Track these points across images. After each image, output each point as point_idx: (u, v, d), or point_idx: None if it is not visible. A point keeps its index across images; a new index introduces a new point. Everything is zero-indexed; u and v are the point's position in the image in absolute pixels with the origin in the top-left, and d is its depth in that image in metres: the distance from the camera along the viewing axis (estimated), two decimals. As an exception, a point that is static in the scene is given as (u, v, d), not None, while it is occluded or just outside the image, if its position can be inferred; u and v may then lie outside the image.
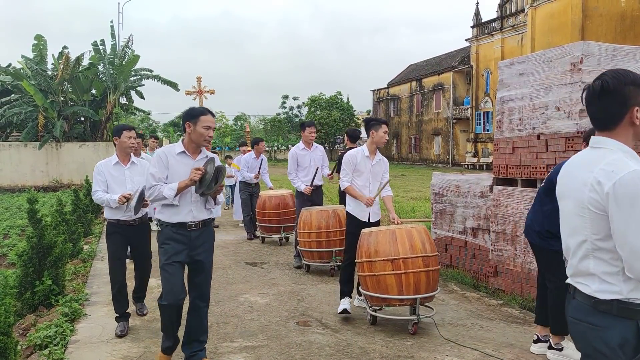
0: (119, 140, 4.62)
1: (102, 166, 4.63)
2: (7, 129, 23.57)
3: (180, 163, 3.66)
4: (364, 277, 4.58)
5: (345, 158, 4.99)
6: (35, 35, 22.84)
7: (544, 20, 29.01)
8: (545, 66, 5.23)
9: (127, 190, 4.56)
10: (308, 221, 6.52)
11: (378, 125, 4.91)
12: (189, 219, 3.67)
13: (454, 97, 43.23)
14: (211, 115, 3.67)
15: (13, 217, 12.09)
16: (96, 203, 4.78)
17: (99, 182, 4.59)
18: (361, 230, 4.74)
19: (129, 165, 4.69)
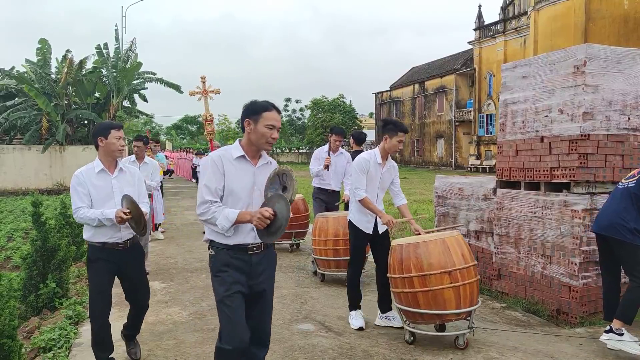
0: (105, 142, 3.68)
1: (83, 175, 3.63)
2: (10, 132, 23.65)
3: (240, 170, 2.96)
4: (413, 294, 4.10)
5: (357, 163, 4.58)
6: (39, 39, 22.96)
7: (546, 22, 29.01)
8: (549, 69, 5.23)
9: (117, 205, 3.64)
10: (324, 228, 6.23)
11: (395, 132, 4.52)
12: (250, 240, 2.97)
13: (456, 99, 43.22)
14: (277, 111, 3.00)
15: (17, 220, 12.13)
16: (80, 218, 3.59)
17: (81, 196, 3.58)
18: (394, 243, 4.32)
19: (117, 173, 3.75)
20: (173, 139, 67.36)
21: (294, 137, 66.40)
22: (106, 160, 3.73)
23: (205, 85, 10.23)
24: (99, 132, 3.73)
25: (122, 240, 3.70)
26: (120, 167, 3.81)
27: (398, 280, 4.21)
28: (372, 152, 4.66)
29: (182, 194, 19.81)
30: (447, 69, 45.29)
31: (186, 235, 9.99)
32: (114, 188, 3.71)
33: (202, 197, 2.89)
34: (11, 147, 21.69)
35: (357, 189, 4.54)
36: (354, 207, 4.68)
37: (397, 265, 4.23)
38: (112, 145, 3.69)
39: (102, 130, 3.73)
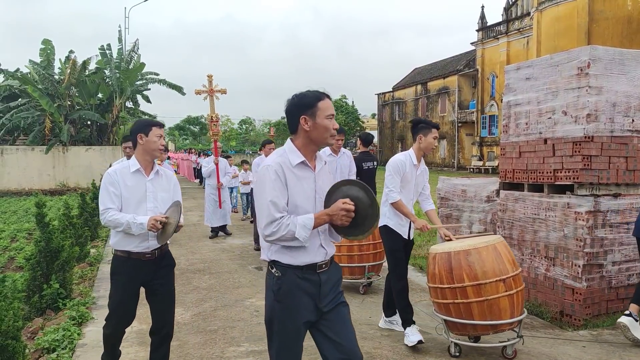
0: (145, 139, 3.31)
1: (117, 174, 3.27)
2: (14, 133, 23.72)
3: (302, 179, 2.51)
4: (467, 305, 3.85)
5: (392, 164, 4.34)
6: (43, 39, 23.02)
7: (549, 23, 28.98)
8: (552, 70, 5.22)
9: (148, 211, 3.27)
10: None
11: (428, 129, 4.35)
12: (320, 257, 2.54)
13: (459, 100, 43.19)
14: (329, 98, 2.57)
15: (20, 221, 12.17)
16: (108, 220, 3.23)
17: (112, 196, 3.23)
18: (435, 250, 4.06)
19: (152, 175, 3.37)
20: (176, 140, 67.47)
21: (296, 137, 66.28)
22: (144, 160, 3.36)
23: (211, 84, 9.95)
24: (139, 128, 3.36)
25: (149, 249, 3.30)
26: (157, 169, 3.43)
27: (447, 291, 3.92)
28: (407, 153, 4.43)
29: (184, 194, 19.77)
30: (449, 70, 45.26)
31: (188, 236, 10.00)
32: (147, 191, 3.32)
33: (270, 216, 2.41)
34: (15, 147, 21.76)
35: (391, 191, 4.30)
36: (388, 210, 4.40)
37: (445, 274, 3.92)
38: (152, 143, 3.32)
39: (142, 127, 3.36)
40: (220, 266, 7.29)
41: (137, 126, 3.41)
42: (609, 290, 4.95)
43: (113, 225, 3.21)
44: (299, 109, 2.52)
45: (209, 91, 9.86)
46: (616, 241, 4.96)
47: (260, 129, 76.96)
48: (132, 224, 3.15)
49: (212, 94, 9.89)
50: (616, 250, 4.96)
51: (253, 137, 75.87)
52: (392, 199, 4.29)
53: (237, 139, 70.03)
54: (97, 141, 23.42)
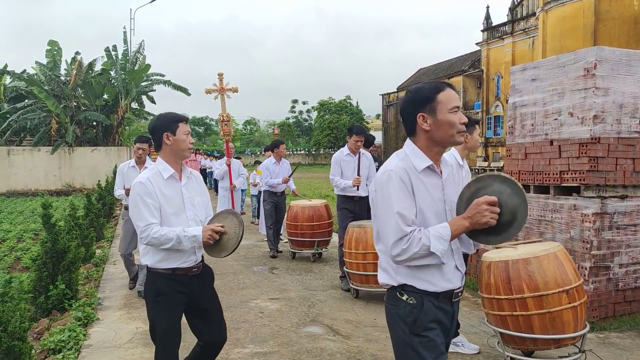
0: (173, 139, 2.86)
1: (151, 182, 2.81)
2: (21, 134, 23.84)
3: (430, 187, 2.15)
4: (526, 318, 3.59)
5: None
6: (49, 41, 23.13)
7: (555, 23, 28.87)
8: (558, 71, 5.20)
9: (189, 220, 2.87)
10: (362, 240, 5.57)
11: (472, 126, 4.11)
12: (457, 282, 2.19)
13: (464, 101, 43.07)
14: (450, 87, 2.19)
15: (27, 221, 12.22)
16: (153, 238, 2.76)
17: (151, 209, 2.77)
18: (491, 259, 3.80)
19: (185, 179, 2.96)
20: (181, 140, 67.54)
21: (300, 138, 66.51)
22: (174, 163, 2.91)
23: (222, 82, 9.45)
24: (164, 126, 2.86)
25: (196, 262, 2.91)
26: (189, 171, 3.03)
27: (504, 302, 3.66)
28: (450, 153, 4.12)
29: (189, 195, 19.86)
30: (454, 70, 45.16)
31: (194, 237, 10.01)
32: (184, 198, 2.90)
33: (399, 231, 2.01)
34: (21, 148, 21.87)
35: None
36: None
37: (502, 285, 3.66)
38: (181, 142, 2.86)
39: (168, 123, 2.86)
40: (224, 267, 7.29)
41: (161, 123, 2.89)
42: (616, 292, 4.92)
43: (160, 242, 2.73)
44: (415, 107, 2.14)
45: (219, 90, 9.38)
46: (623, 243, 4.93)
47: (264, 130, 77.10)
48: (183, 238, 2.73)
49: (223, 93, 9.39)
50: (623, 253, 4.93)
51: (257, 137, 76.00)
52: None
53: (242, 139, 70.12)
54: (102, 142, 23.50)
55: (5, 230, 10.72)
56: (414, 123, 2.15)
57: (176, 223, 2.82)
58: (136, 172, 5.82)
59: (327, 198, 18.29)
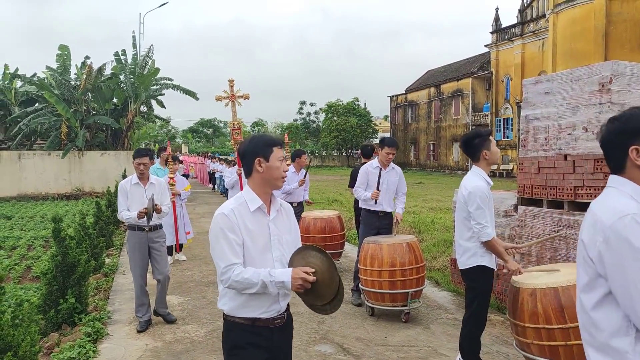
0: (266, 165, 2.43)
1: (236, 215, 2.38)
2: (31, 138, 24.00)
3: None
4: (581, 346, 3.41)
5: (478, 192, 3.81)
6: (59, 45, 23.27)
7: (565, 25, 28.66)
8: (572, 85, 5.13)
9: (275, 262, 2.45)
10: (378, 256, 5.42)
11: (487, 140, 3.92)
12: None
13: (473, 103, 42.90)
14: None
15: (37, 227, 12.27)
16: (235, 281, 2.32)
17: (234, 246, 2.34)
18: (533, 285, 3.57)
19: (274, 213, 2.51)
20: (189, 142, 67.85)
21: (308, 140, 66.53)
22: (264, 193, 2.48)
23: (233, 89, 9.19)
24: (257, 150, 2.44)
25: (280, 313, 2.48)
26: (280, 203, 2.58)
27: (557, 332, 3.48)
28: (479, 174, 3.94)
29: (198, 199, 19.85)
30: (463, 72, 44.98)
31: (202, 245, 9.98)
32: (271, 235, 2.46)
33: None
34: (32, 152, 22.00)
35: (484, 226, 3.78)
36: (479, 246, 3.88)
37: (554, 313, 3.47)
38: (275, 170, 2.44)
39: (261, 147, 2.44)
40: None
41: (254, 146, 2.46)
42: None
43: (242, 287, 2.32)
44: (626, 137, 1.77)
45: (230, 97, 9.15)
46: (639, 260, 4.83)
47: (272, 131, 77.20)
48: (269, 284, 2.31)
49: (234, 100, 9.18)
50: (639, 270, 4.84)
51: (266, 139, 75.88)
52: (487, 235, 3.80)
53: (250, 141, 70.21)
54: (112, 146, 23.61)
55: (16, 237, 10.76)
56: (624, 157, 1.79)
57: (259, 264, 2.40)
58: (140, 189, 5.37)
59: (335, 203, 18.24)
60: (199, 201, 19.18)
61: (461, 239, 3.99)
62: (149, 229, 5.40)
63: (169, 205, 5.60)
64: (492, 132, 4.02)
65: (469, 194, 3.83)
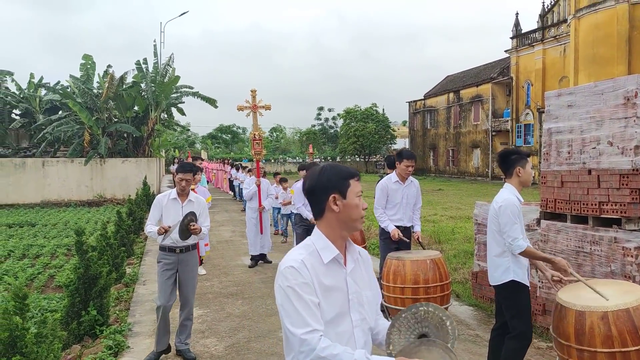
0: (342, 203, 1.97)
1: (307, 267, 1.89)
2: (55, 145, 24.43)
3: None
4: None
5: (510, 208, 3.78)
6: (83, 55, 23.71)
7: (588, 31, 28.25)
8: (596, 99, 5.04)
9: (355, 327, 1.98)
10: (401, 273, 5.32)
11: (524, 159, 3.91)
12: None
13: (493, 109, 42.49)
14: None
15: (60, 235, 12.46)
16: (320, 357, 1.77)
17: (312, 309, 1.83)
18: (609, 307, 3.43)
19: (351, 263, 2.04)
20: (208, 148, 68.44)
21: (326, 145, 66.56)
22: (339, 239, 1.98)
23: (255, 99, 9.12)
24: (330, 184, 1.96)
25: None
26: (358, 251, 2.08)
27: (633, 354, 3.34)
28: (510, 191, 3.94)
29: (217, 207, 19.96)
30: (483, 78, 44.59)
31: (221, 255, 10.03)
32: (350, 293, 1.97)
33: None
34: (55, 159, 22.40)
35: (515, 239, 3.73)
36: (512, 262, 3.83)
37: (629, 335, 3.33)
38: (353, 209, 1.98)
39: (336, 181, 1.98)
40: (253, 290, 7.28)
41: (327, 180, 1.97)
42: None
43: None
44: None
45: (252, 107, 9.12)
46: (667, 278, 4.72)
47: (291, 137, 77.41)
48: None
49: (255, 110, 9.13)
50: (667, 288, 4.72)
51: (284, 144, 76.32)
52: (520, 247, 3.72)
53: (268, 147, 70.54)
54: (132, 153, 23.91)
55: (40, 245, 10.94)
56: None
57: (335, 331, 1.90)
58: (178, 205, 4.96)
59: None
60: (218, 208, 19.29)
61: (493, 254, 3.94)
62: (180, 250, 4.91)
63: (208, 227, 5.15)
64: (530, 154, 3.98)
65: (500, 208, 3.81)
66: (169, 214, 4.91)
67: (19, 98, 25.41)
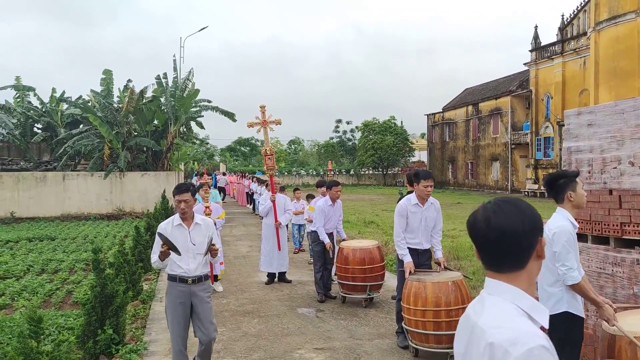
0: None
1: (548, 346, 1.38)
2: (75, 159, 24.81)
3: None
4: None
5: (565, 236, 3.58)
6: (104, 70, 24.11)
7: (608, 44, 27.93)
8: (617, 118, 4.95)
9: None
10: (421, 295, 5.19)
11: (573, 182, 3.70)
12: None
13: (512, 121, 42.10)
14: None
15: (79, 249, 12.59)
16: None
17: None
18: None
19: None
20: (227, 161, 68.91)
21: (344, 158, 66.53)
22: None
23: (265, 115, 9.05)
24: (537, 226, 1.54)
25: None
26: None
27: None
28: (564, 216, 3.70)
29: (235, 220, 20.01)
30: (501, 91, 44.27)
31: (238, 271, 10.01)
32: None
33: None
34: (75, 173, 22.74)
35: (570, 269, 3.55)
36: (565, 292, 3.66)
37: None
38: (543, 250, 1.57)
39: (539, 221, 1.55)
40: (269, 308, 7.24)
41: (531, 221, 1.54)
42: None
43: None
44: None
45: (262, 123, 9.06)
46: (693, 303, 4.58)
47: (309, 149, 77.58)
48: None
49: (265, 126, 9.07)
50: (693, 313, 4.58)
51: (302, 157, 76.50)
52: (574, 278, 3.54)
53: (287, 159, 70.79)
54: (152, 167, 24.17)
55: (59, 260, 11.07)
56: None
57: None
58: (184, 231, 4.55)
59: (371, 225, 18.10)
60: (235, 222, 19.33)
61: (545, 283, 3.75)
62: (192, 280, 4.49)
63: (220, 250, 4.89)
64: (579, 174, 3.81)
65: (555, 235, 3.60)
66: (177, 243, 4.39)
67: (41, 112, 25.91)
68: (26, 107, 25.70)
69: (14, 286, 8.57)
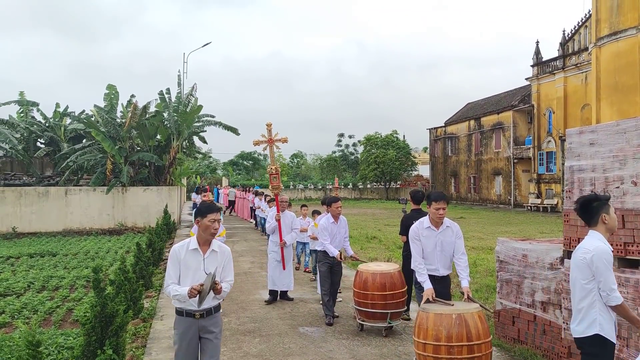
0: None
1: None
2: (78, 174, 24.86)
3: None
4: None
5: (604, 256, 3.56)
6: (107, 85, 24.31)
7: (609, 59, 28.03)
8: (619, 137, 4.94)
9: None
10: (423, 327, 4.80)
11: (606, 204, 3.69)
12: None
13: (514, 136, 42.15)
14: None
15: (80, 266, 12.55)
16: None
17: None
18: None
19: None
20: (229, 175, 68.98)
21: (346, 172, 66.57)
22: None
23: (271, 133, 8.90)
24: None
25: None
26: None
27: None
28: (599, 237, 3.67)
29: (237, 235, 19.93)
30: (504, 105, 44.40)
31: (239, 288, 9.94)
32: None
33: None
34: (77, 188, 22.76)
35: (613, 289, 3.52)
36: (598, 314, 3.60)
37: None
38: None
39: None
40: (270, 327, 7.18)
41: None
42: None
43: None
44: None
45: (268, 141, 8.92)
46: (699, 325, 4.52)
47: (311, 163, 77.64)
48: None
49: (271, 144, 8.91)
50: (699, 335, 4.52)
51: (304, 171, 76.55)
52: (617, 299, 3.53)
53: (289, 173, 70.81)
54: (154, 181, 24.20)
55: (60, 277, 11.03)
56: None
57: None
58: (199, 258, 4.10)
59: (374, 240, 18.01)
60: (237, 237, 19.26)
61: (578, 306, 3.71)
62: (200, 314, 4.09)
63: (231, 283, 4.26)
64: (610, 197, 3.84)
65: (593, 257, 3.56)
66: (188, 270, 4.04)
67: (44, 127, 26.03)
68: (29, 122, 25.84)
69: (14, 304, 8.53)
